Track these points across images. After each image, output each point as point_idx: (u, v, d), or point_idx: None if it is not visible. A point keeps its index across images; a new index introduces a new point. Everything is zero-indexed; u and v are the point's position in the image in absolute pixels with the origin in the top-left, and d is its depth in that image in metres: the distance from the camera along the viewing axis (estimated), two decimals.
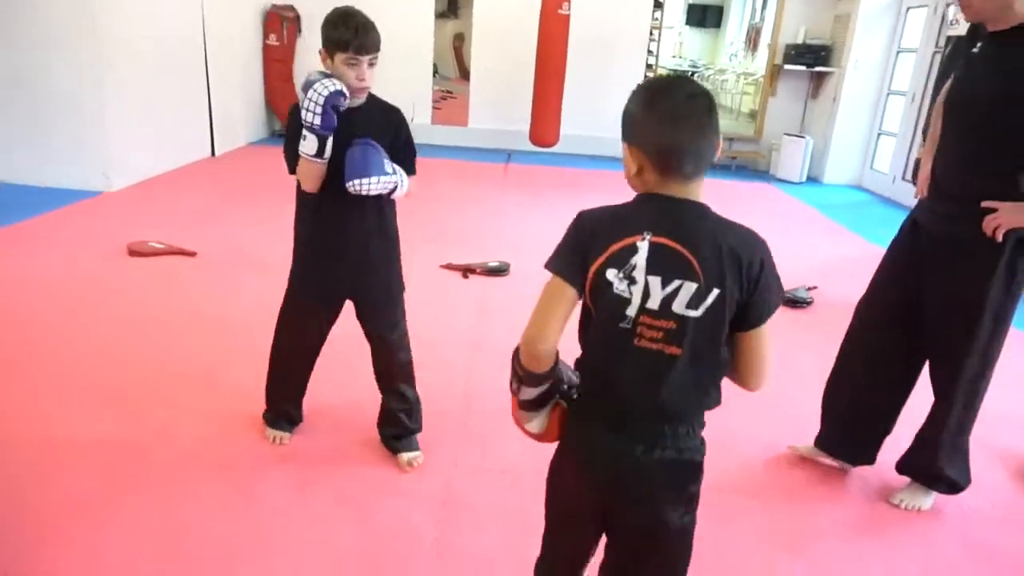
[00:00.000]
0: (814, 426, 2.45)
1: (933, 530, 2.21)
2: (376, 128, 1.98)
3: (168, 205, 5.21)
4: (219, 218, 4.98)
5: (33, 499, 1.99)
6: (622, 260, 1.11)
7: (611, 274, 1.11)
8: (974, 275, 2.01)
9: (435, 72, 12.12)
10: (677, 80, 1.17)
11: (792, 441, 2.54)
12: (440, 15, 12.55)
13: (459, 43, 10.99)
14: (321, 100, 1.81)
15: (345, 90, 1.85)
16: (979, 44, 2.04)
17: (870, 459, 2.39)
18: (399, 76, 8.37)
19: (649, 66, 8.54)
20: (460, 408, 2.64)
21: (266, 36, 7.90)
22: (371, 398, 2.32)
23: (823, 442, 2.43)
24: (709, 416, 1.22)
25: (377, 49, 1.92)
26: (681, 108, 1.10)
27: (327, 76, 1.87)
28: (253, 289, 3.59)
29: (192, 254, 4.12)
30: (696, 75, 12.82)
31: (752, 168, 8.70)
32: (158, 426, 2.38)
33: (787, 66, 8.19)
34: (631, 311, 1.12)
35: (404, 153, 2.04)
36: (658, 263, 1.10)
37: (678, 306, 1.10)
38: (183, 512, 1.98)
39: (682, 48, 14.73)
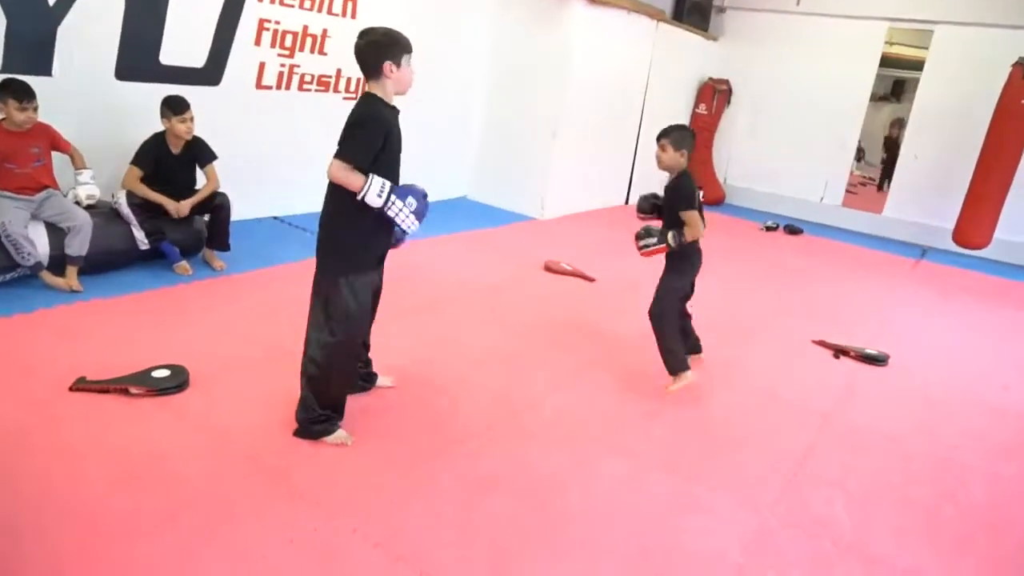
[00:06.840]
0: None
1: None
2: None
3: (582, 238, 6.11)
4: (618, 253, 5.67)
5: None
6: None
7: None
8: None
9: (861, 157, 11.57)
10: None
11: None
12: (880, 98, 11.92)
13: (896, 130, 10.36)
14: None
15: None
16: None
17: None
18: (817, 153, 8.35)
19: None
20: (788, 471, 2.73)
21: (696, 105, 8.62)
22: None
23: None
24: None
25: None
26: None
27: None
28: (637, 312, 4.10)
29: (592, 280, 4.82)
30: None
31: None
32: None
33: None
34: None
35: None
36: None
37: None
38: None
39: None
